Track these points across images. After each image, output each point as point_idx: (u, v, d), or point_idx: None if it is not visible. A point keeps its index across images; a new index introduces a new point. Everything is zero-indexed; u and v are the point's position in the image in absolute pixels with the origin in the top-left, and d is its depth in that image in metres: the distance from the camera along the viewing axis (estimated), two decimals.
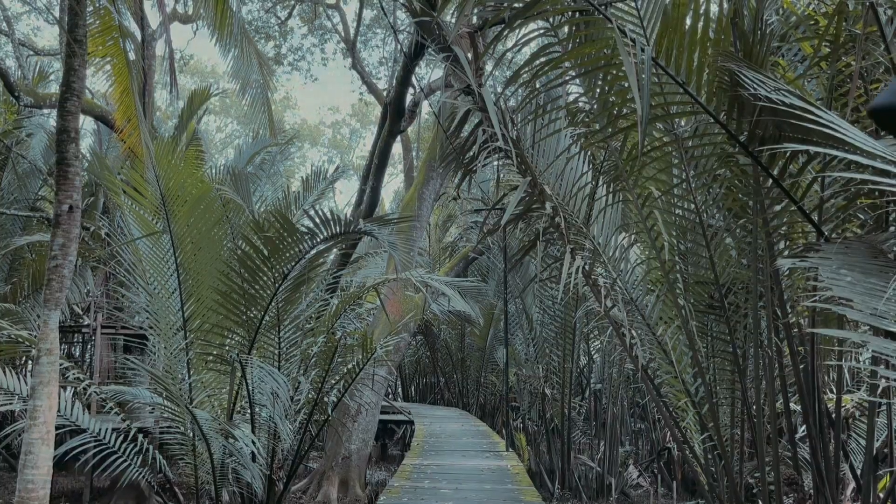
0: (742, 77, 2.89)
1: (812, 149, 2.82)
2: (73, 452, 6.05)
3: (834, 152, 2.67)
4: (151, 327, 6.39)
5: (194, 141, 11.63)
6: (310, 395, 6.48)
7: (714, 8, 3.45)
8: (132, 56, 9.30)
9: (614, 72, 3.55)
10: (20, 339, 6.24)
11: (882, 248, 2.80)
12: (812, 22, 3.76)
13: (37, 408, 4.51)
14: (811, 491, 4.11)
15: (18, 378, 6.20)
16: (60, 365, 5.46)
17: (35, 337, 5.20)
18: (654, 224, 4.31)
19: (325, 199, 15.27)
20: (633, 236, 4.95)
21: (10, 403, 5.95)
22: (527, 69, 3.66)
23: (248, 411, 6.05)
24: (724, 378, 4.45)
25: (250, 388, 5.86)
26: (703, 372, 4.22)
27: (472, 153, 4.24)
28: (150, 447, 6.19)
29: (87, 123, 14.91)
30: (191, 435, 5.91)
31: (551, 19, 3.66)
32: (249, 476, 6.00)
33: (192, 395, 6.20)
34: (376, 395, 10.16)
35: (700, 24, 3.19)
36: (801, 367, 3.76)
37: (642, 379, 4.52)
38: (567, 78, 3.92)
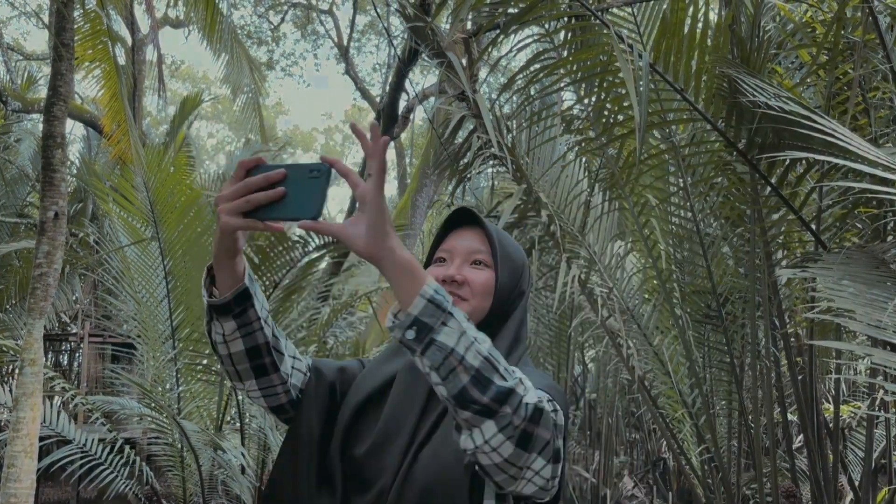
0: (741, 83, 2.84)
1: (813, 156, 2.76)
2: (60, 463, 5.94)
3: (835, 160, 2.62)
4: (139, 336, 6.29)
5: (185, 147, 11.53)
6: None
7: (712, 15, 3.41)
8: (122, 61, 9.22)
9: (611, 78, 3.50)
10: (5, 349, 6.14)
11: (884, 259, 2.74)
12: (810, 29, 3.72)
13: (20, 419, 4.41)
14: (809, 502, 4.06)
15: (3, 388, 6.09)
16: (46, 375, 5.36)
17: (20, 346, 5.09)
18: (651, 232, 4.25)
19: None
20: (629, 245, 4.90)
21: None
22: (522, 75, 3.60)
23: (238, 422, 5.96)
24: (721, 389, 4.39)
25: (240, 398, 5.77)
26: (700, 382, 4.16)
27: (466, 160, 4.18)
28: (138, 458, 6.08)
29: (76, 129, 14.81)
30: (179, 446, 5.81)
31: (547, 25, 3.62)
32: (238, 488, 5.89)
33: (180, 405, 6.10)
34: None
35: (698, 30, 3.14)
36: (800, 377, 3.71)
37: (639, 389, 4.45)
38: (563, 84, 3.87)
